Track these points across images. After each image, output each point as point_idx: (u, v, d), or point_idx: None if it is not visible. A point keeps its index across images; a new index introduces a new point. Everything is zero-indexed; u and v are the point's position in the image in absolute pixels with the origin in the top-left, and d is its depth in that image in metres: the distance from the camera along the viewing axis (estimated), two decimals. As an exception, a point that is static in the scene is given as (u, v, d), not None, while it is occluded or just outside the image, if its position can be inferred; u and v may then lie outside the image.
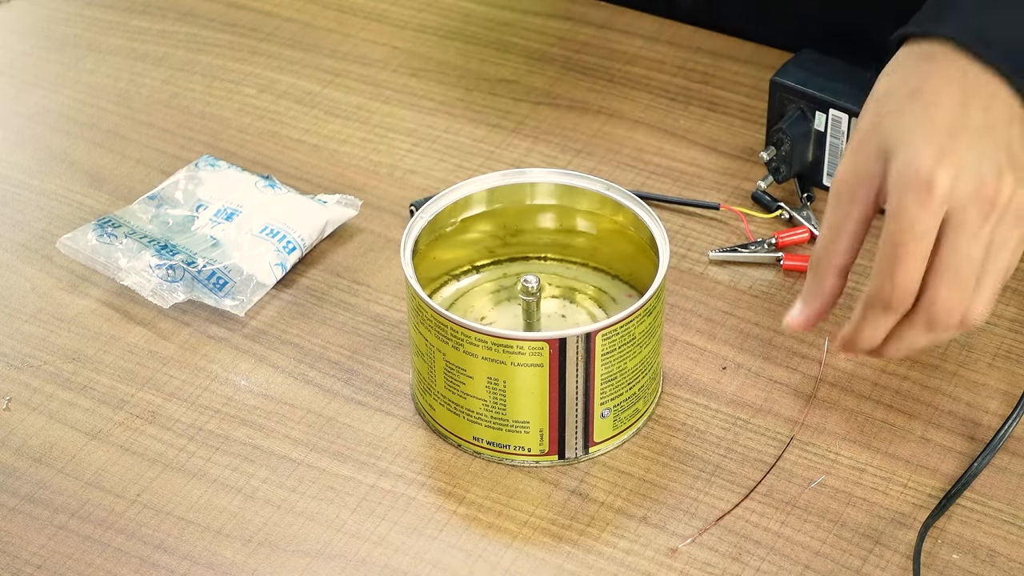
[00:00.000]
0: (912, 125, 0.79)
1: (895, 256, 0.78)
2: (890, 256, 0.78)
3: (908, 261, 0.78)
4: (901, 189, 0.78)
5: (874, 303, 0.80)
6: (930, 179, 0.77)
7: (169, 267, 0.96)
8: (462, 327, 0.83)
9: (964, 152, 0.78)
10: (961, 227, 0.78)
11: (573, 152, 1.08)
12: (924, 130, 0.79)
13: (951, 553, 0.83)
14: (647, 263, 0.88)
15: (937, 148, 0.78)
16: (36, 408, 0.91)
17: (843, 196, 0.81)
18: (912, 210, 0.77)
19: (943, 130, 0.79)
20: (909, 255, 0.78)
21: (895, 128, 0.80)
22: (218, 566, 0.83)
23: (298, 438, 0.89)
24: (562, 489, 0.86)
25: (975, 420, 0.90)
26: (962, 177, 0.78)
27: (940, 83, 0.81)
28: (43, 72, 1.17)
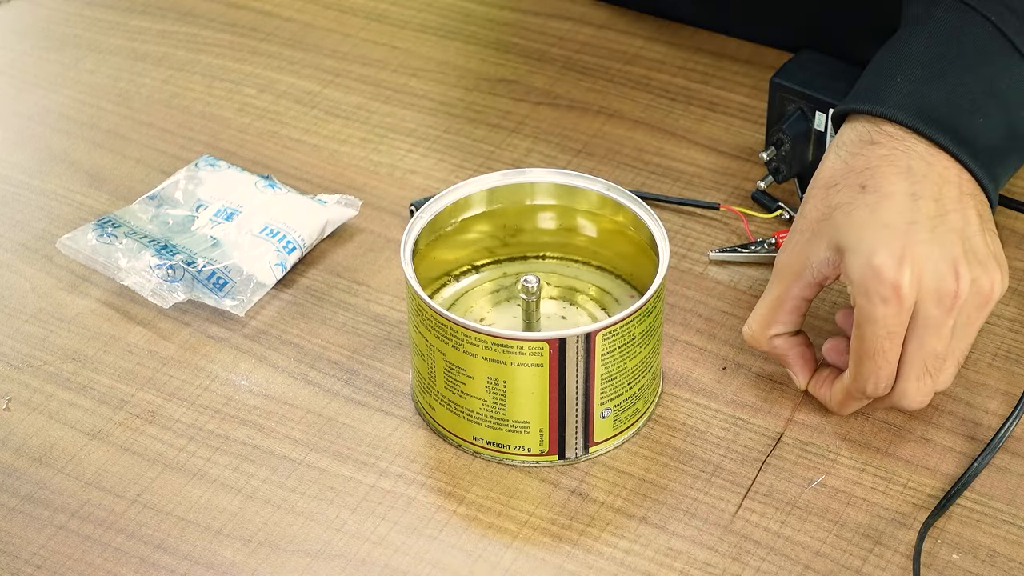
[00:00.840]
0: (865, 222, 0.82)
1: (871, 356, 0.82)
2: (866, 356, 0.83)
3: (883, 359, 0.82)
4: (867, 295, 0.81)
5: (853, 394, 0.86)
6: (895, 283, 0.80)
7: (169, 267, 0.96)
8: (462, 327, 0.83)
9: (921, 249, 0.81)
10: (927, 325, 0.81)
11: (573, 152, 1.08)
12: (879, 229, 0.81)
13: (951, 553, 0.83)
14: (647, 263, 0.88)
15: (896, 250, 0.81)
16: (36, 408, 0.91)
17: (787, 274, 0.86)
18: (881, 315, 0.81)
19: (898, 228, 0.81)
20: (884, 354, 0.82)
21: (846, 223, 0.83)
22: (218, 566, 0.83)
23: (298, 438, 0.89)
24: (562, 489, 0.86)
25: (975, 420, 0.90)
26: (923, 276, 0.81)
27: (888, 174, 0.83)
28: (43, 72, 1.17)
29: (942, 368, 0.83)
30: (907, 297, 0.80)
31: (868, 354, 0.82)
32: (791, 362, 0.89)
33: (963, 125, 0.84)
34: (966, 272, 0.81)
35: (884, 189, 0.82)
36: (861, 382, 0.84)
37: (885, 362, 0.82)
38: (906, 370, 0.83)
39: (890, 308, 0.80)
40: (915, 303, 0.81)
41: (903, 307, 0.81)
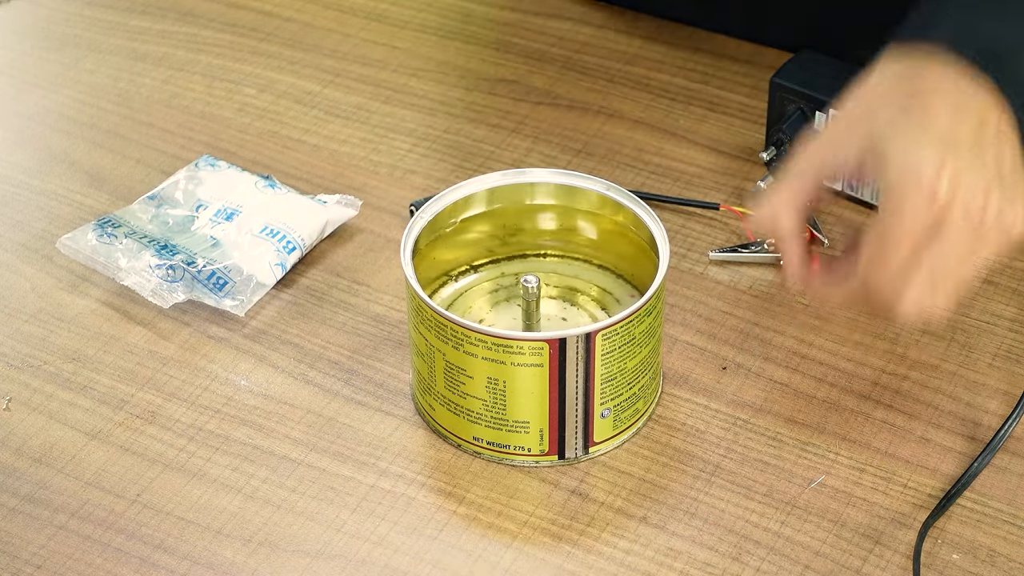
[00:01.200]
0: (910, 129, 0.81)
1: (888, 250, 0.80)
2: (883, 249, 0.80)
3: (899, 255, 0.80)
4: (903, 191, 0.80)
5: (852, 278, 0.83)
6: (933, 187, 0.79)
7: (169, 267, 0.96)
8: (462, 327, 0.83)
9: (962, 165, 0.80)
10: (948, 236, 0.80)
11: (573, 152, 1.08)
12: (924, 137, 0.80)
13: (951, 553, 0.83)
14: (647, 263, 0.88)
15: (938, 158, 0.80)
16: (36, 408, 0.91)
17: (813, 156, 0.84)
18: (913, 213, 0.79)
19: (941, 140, 0.80)
20: (901, 251, 0.80)
21: (891, 127, 0.81)
22: (218, 566, 0.83)
23: (298, 438, 0.89)
24: (562, 489, 0.86)
25: (975, 420, 0.90)
26: (958, 188, 0.80)
27: (935, 93, 0.82)
28: (43, 72, 1.17)
29: (945, 285, 0.82)
30: (940, 203, 0.79)
31: (886, 245, 0.81)
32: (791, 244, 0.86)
33: (1012, 62, 0.83)
34: (996, 199, 0.81)
35: (931, 107, 0.82)
36: (868, 271, 0.82)
37: (899, 256, 0.81)
38: (913, 274, 0.81)
39: (921, 205, 0.79)
40: (944, 216, 0.80)
41: (933, 208, 0.80)
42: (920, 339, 0.94)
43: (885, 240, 0.81)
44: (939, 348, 0.94)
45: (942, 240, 0.80)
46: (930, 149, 0.80)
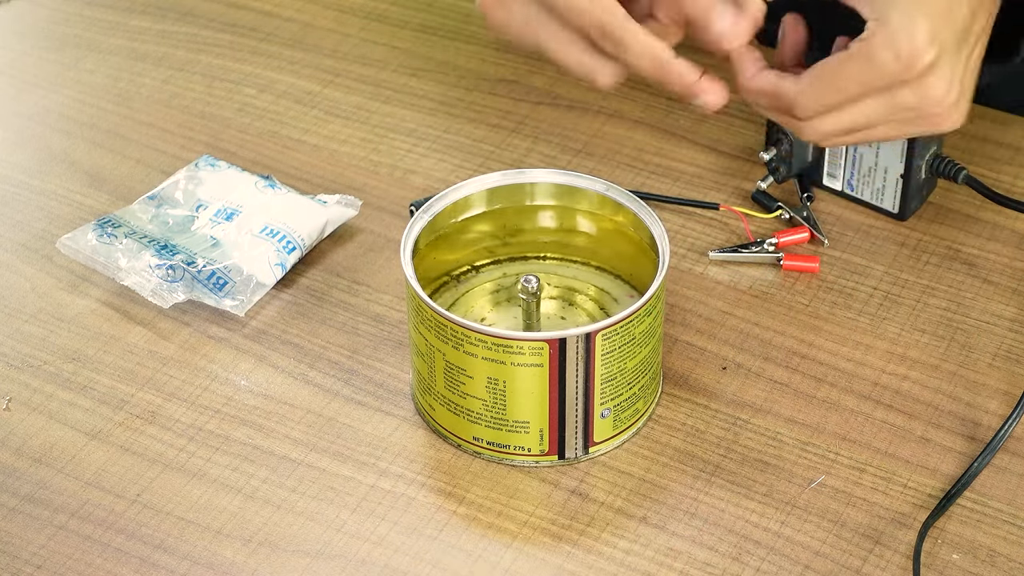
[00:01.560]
0: None
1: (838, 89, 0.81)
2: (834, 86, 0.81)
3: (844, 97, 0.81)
4: (888, 42, 0.79)
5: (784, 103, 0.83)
6: (918, 54, 0.79)
7: (169, 267, 0.96)
8: (462, 327, 0.83)
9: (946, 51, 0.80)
10: (894, 104, 0.81)
11: (573, 152, 1.08)
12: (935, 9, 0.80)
13: (951, 553, 0.83)
14: (647, 263, 0.88)
15: (935, 28, 0.79)
16: (36, 408, 0.91)
17: None
18: (884, 67, 0.80)
19: (943, 12, 0.80)
20: (849, 94, 0.81)
21: None
22: (218, 566, 0.83)
23: (298, 438, 0.89)
24: (562, 489, 0.86)
25: (975, 420, 0.90)
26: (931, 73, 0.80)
27: None
28: (43, 72, 1.17)
29: (860, 137, 0.83)
30: (917, 71, 0.80)
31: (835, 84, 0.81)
32: None
33: None
34: (952, 96, 0.81)
35: None
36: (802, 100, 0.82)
37: (842, 99, 0.81)
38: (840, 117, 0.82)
39: (896, 67, 0.80)
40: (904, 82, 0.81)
41: (905, 76, 0.80)
42: (920, 339, 0.95)
43: (842, 76, 0.80)
44: (939, 348, 0.94)
45: (887, 102, 0.80)
46: (927, 19, 0.79)
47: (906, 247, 1.00)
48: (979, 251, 1.00)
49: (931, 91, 0.81)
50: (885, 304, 0.97)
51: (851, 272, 0.99)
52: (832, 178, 1.03)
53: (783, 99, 0.83)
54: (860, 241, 1.01)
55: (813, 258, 0.99)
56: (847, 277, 0.98)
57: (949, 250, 1.00)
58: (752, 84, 0.84)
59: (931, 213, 1.03)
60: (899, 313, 0.96)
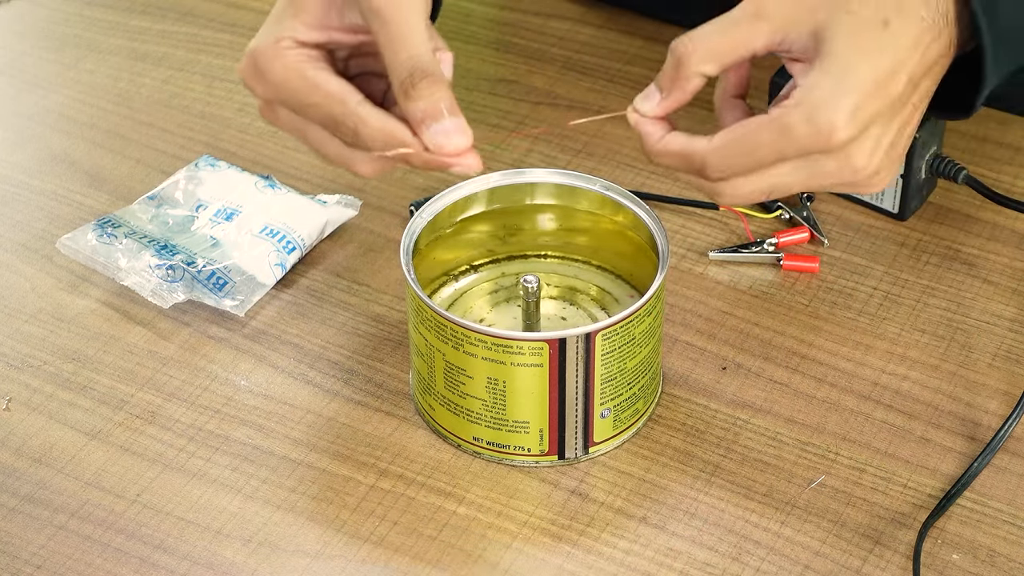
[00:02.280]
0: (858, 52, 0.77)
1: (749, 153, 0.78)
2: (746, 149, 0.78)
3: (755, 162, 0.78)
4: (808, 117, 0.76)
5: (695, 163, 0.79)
6: (834, 132, 0.76)
7: (169, 267, 0.96)
8: (462, 327, 0.83)
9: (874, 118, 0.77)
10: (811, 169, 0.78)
11: (573, 152, 1.08)
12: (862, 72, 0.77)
13: (951, 553, 0.83)
14: (647, 263, 0.88)
15: (859, 105, 0.76)
16: (36, 408, 0.91)
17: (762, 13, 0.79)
18: (800, 139, 0.76)
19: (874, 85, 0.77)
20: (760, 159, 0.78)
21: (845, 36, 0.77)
22: (218, 566, 0.83)
23: (298, 438, 0.89)
24: (562, 489, 0.86)
25: (975, 420, 0.90)
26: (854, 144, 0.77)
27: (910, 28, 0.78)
28: (43, 72, 1.17)
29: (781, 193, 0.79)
30: (831, 146, 0.77)
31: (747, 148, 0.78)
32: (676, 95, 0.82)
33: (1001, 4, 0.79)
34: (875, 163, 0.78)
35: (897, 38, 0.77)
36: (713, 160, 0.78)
37: (752, 164, 0.78)
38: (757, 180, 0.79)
39: (811, 141, 0.77)
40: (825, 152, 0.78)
41: (818, 148, 0.77)
42: (920, 339, 0.94)
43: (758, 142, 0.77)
44: (939, 348, 0.94)
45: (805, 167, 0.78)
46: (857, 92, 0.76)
47: (906, 247, 1.00)
48: (979, 251, 1.00)
49: (851, 161, 0.78)
50: (885, 304, 0.97)
51: (851, 272, 0.99)
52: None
53: (694, 161, 0.80)
54: (860, 241, 1.01)
55: (813, 258, 0.99)
56: (847, 277, 0.98)
57: (949, 250, 1.00)
58: (660, 147, 0.81)
59: (931, 213, 1.03)
60: (899, 313, 0.96)
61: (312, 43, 0.81)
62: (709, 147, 0.79)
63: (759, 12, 0.79)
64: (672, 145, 0.81)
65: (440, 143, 0.79)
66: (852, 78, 0.77)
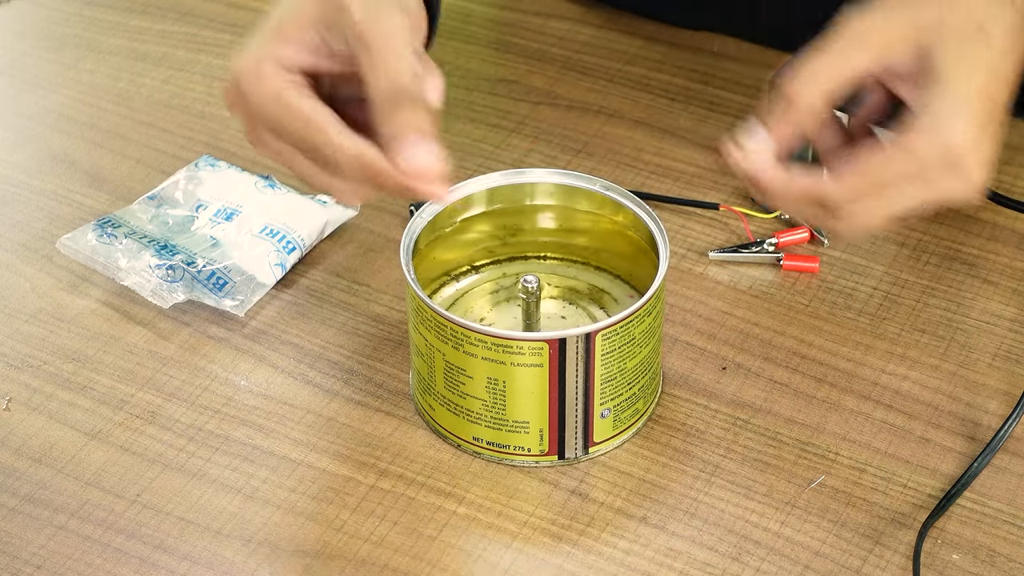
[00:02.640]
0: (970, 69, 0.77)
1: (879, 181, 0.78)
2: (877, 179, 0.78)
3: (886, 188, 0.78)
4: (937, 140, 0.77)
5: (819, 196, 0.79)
6: (963, 154, 0.77)
7: (169, 267, 0.96)
8: (462, 327, 0.83)
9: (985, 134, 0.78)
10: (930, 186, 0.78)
11: (573, 152, 1.08)
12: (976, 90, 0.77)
13: (951, 553, 0.83)
14: (647, 263, 0.88)
15: (979, 124, 0.77)
16: (36, 408, 0.91)
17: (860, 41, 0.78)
18: (928, 163, 0.77)
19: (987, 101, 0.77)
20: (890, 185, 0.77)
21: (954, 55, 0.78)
22: (218, 566, 0.83)
23: (298, 438, 0.89)
24: (562, 489, 0.86)
25: (975, 420, 0.90)
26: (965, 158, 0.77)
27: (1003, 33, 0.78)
28: (43, 72, 1.17)
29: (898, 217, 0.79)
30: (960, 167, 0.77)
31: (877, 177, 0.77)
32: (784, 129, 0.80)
33: None
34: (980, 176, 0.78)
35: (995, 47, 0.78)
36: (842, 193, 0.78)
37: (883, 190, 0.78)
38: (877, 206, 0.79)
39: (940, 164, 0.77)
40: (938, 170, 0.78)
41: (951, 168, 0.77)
42: (920, 339, 0.95)
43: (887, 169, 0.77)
44: (939, 348, 0.94)
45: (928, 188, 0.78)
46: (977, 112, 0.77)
47: (906, 247, 1.00)
48: (979, 251, 1.00)
49: (971, 176, 0.78)
50: (885, 304, 0.97)
51: (851, 272, 0.99)
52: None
53: (823, 198, 0.79)
54: (860, 241, 1.01)
55: (813, 258, 0.99)
56: (847, 277, 0.98)
57: (949, 250, 1.00)
58: (786, 187, 0.80)
59: (931, 213, 1.03)
60: (899, 313, 0.96)
61: (296, 68, 0.81)
62: (839, 184, 0.78)
63: (860, 41, 0.79)
64: (798, 185, 0.80)
65: (407, 166, 0.78)
66: (967, 95, 0.77)
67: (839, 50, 0.79)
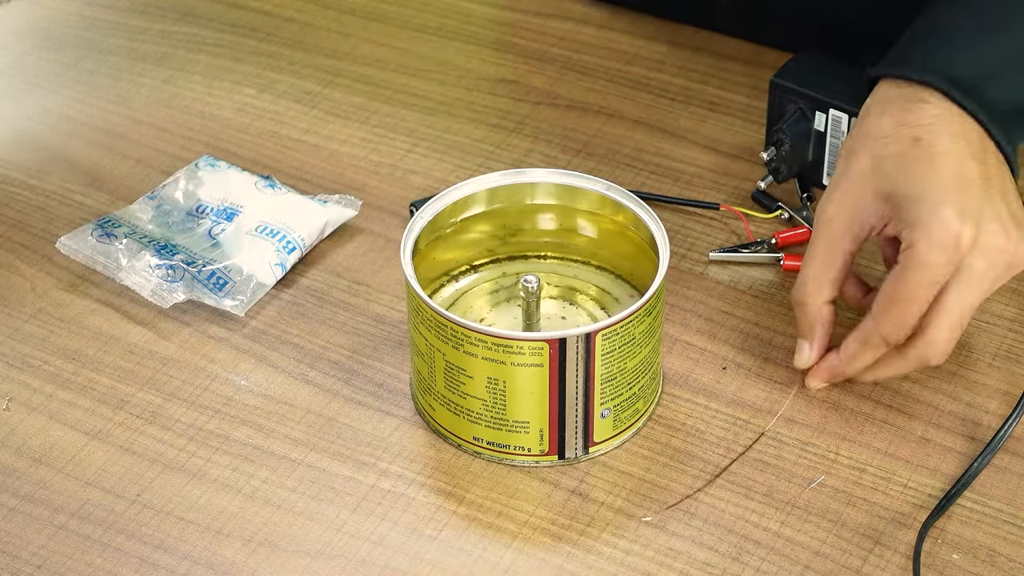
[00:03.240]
0: (922, 176, 0.83)
1: (906, 300, 0.83)
2: (900, 299, 0.83)
3: (919, 305, 0.83)
4: (927, 241, 0.82)
5: (875, 340, 0.86)
6: (957, 236, 0.82)
7: (169, 267, 0.96)
8: (462, 327, 0.83)
9: (977, 206, 0.83)
10: (970, 278, 0.83)
11: (573, 152, 1.08)
12: (938, 183, 0.83)
13: (951, 553, 0.83)
14: (647, 263, 0.88)
15: (958, 203, 0.82)
16: (36, 408, 0.91)
17: (835, 227, 0.86)
18: (935, 262, 0.82)
19: (955, 184, 0.83)
20: (921, 300, 0.83)
21: (903, 173, 0.84)
22: (218, 566, 0.83)
23: (298, 438, 0.89)
24: (562, 489, 0.86)
25: (975, 420, 0.90)
26: (980, 232, 0.83)
27: (941, 133, 0.84)
28: (43, 72, 1.17)
29: (965, 320, 0.85)
30: (964, 249, 0.82)
31: (904, 297, 0.83)
32: (819, 332, 0.89)
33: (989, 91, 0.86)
34: (1014, 235, 0.84)
35: (938, 148, 0.84)
36: (886, 326, 0.84)
37: (918, 308, 0.83)
38: (941, 320, 0.84)
39: (946, 257, 0.82)
40: (963, 257, 0.83)
41: (958, 258, 0.82)
42: (920, 339, 0.95)
43: (902, 293, 0.83)
44: (939, 348, 0.94)
45: (965, 284, 0.83)
46: (949, 194, 0.82)
47: (906, 247, 1.00)
48: (979, 251, 1.00)
49: (993, 248, 0.83)
50: (885, 304, 0.97)
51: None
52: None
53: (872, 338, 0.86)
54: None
55: (813, 258, 0.99)
56: (847, 277, 0.98)
57: (949, 250, 1.00)
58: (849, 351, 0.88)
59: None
60: (899, 313, 0.96)
61: None
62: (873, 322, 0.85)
63: (829, 224, 0.86)
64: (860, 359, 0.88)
65: None
66: (934, 195, 0.82)
67: (820, 243, 0.87)
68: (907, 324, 0.84)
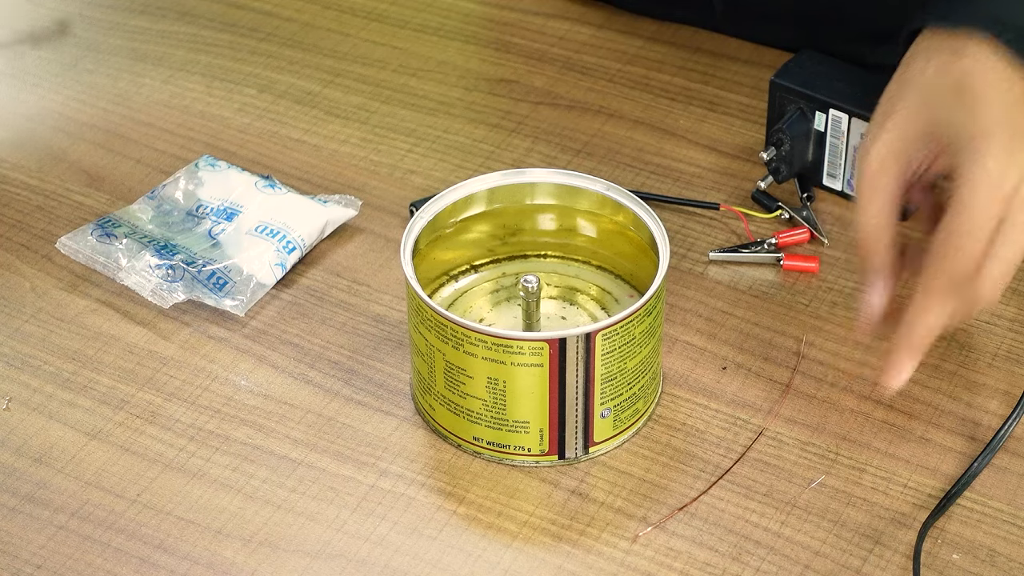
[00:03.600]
0: (968, 122, 0.83)
1: (965, 244, 0.82)
2: (959, 244, 0.82)
3: (977, 247, 0.82)
4: (975, 186, 0.81)
5: (941, 288, 0.83)
6: (1002, 179, 0.81)
7: (169, 267, 0.96)
8: (462, 327, 0.83)
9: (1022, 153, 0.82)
10: (1016, 222, 0.82)
11: (573, 152, 1.08)
12: (983, 129, 0.82)
13: (951, 553, 0.83)
14: (647, 263, 0.88)
15: (1003, 149, 0.82)
16: (36, 408, 0.91)
17: (882, 171, 0.85)
18: (986, 206, 0.81)
19: (1001, 131, 0.82)
20: (978, 243, 0.82)
21: (948, 122, 0.83)
22: (218, 566, 0.83)
23: (298, 438, 0.89)
24: (562, 489, 0.86)
25: (975, 420, 0.90)
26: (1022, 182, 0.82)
27: (984, 82, 0.84)
28: (43, 72, 1.17)
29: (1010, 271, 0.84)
30: (1010, 193, 0.82)
31: (961, 240, 0.82)
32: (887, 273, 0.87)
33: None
34: None
35: (983, 97, 0.83)
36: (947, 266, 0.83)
37: (977, 248, 0.82)
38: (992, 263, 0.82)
39: (995, 200, 0.81)
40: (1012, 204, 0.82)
41: (1006, 201, 0.82)
42: (920, 339, 0.94)
43: (963, 236, 0.82)
44: (939, 348, 0.94)
45: (1012, 227, 0.82)
46: (993, 140, 0.82)
47: (906, 247, 1.00)
48: (979, 251, 1.00)
49: None
50: (885, 304, 0.97)
51: (851, 272, 0.99)
52: (832, 178, 1.03)
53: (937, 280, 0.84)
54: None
55: (813, 258, 0.99)
56: (847, 277, 0.98)
57: (949, 250, 1.00)
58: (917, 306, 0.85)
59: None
60: (899, 313, 0.96)
61: None
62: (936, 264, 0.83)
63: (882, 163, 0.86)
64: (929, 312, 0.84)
65: None
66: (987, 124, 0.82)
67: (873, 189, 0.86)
68: (972, 268, 0.82)
